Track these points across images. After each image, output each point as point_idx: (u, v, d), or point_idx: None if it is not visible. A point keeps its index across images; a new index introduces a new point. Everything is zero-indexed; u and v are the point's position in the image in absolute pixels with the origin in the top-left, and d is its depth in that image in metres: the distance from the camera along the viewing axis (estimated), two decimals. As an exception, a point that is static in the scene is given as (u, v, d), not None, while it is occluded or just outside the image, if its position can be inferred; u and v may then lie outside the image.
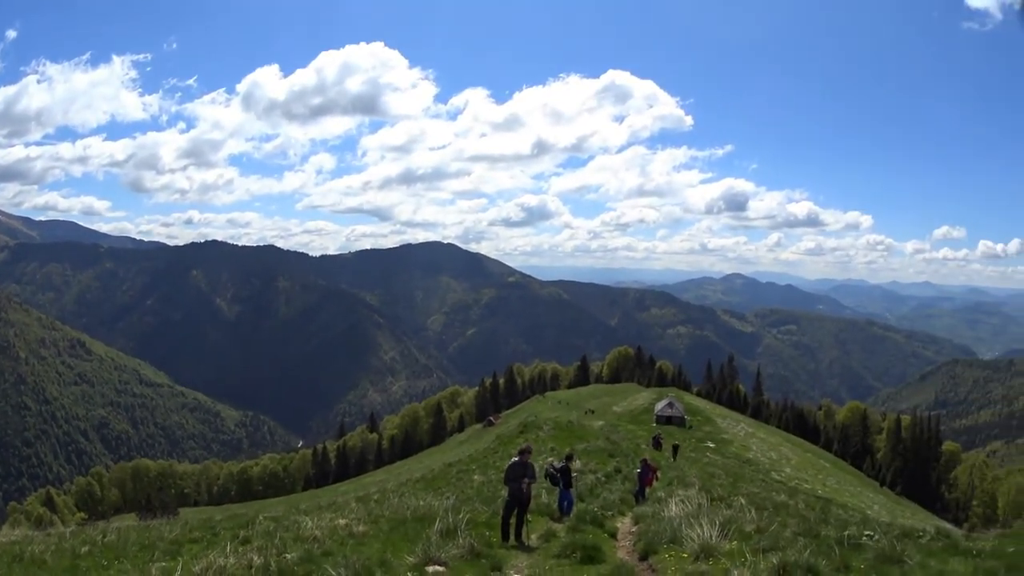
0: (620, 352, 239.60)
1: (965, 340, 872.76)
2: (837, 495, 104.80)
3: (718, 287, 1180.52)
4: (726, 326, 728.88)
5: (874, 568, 16.38)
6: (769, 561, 16.19)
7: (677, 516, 23.14)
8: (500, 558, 19.17)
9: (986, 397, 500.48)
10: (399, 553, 18.07)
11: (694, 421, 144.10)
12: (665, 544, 20.04)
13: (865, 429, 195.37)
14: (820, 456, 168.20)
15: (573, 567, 19.06)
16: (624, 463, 54.55)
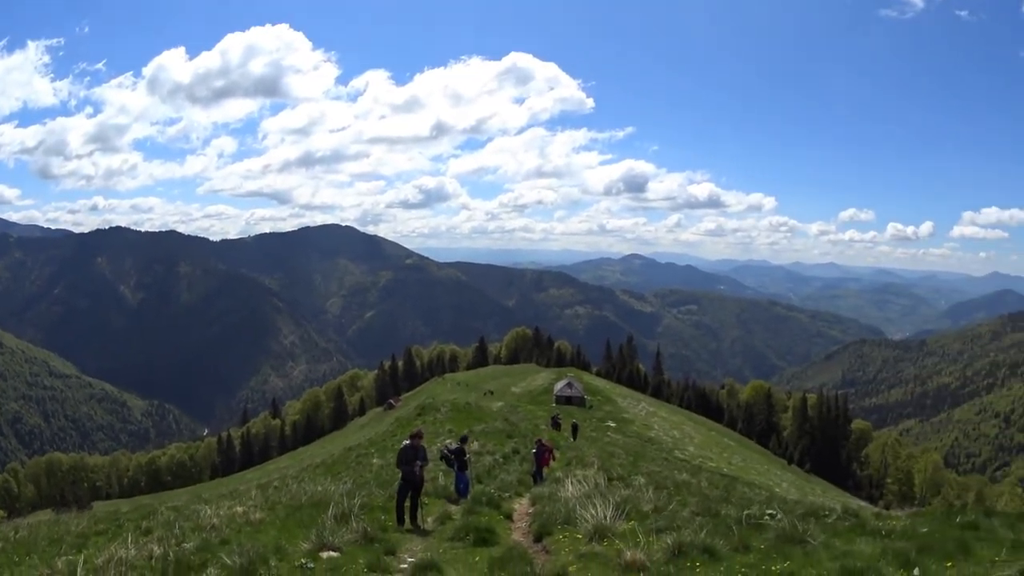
0: (518, 333, 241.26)
1: (873, 321, 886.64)
2: (743, 473, 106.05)
3: (617, 268, 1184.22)
4: (625, 306, 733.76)
5: (775, 548, 16.14)
6: (664, 541, 16.14)
7: (573, 496, 23.30)
8: (394, 542, 19.33)
9: (897, 376, 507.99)
10: (294, 539, 18.09)
11: (594, 401, 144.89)
12: (560, 525, 20.17)
13: (770, 408, 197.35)
14: (724, 435, 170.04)
15: (466, 550, 19.14)
16: (522, 444, 54.43)
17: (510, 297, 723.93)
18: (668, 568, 14.50)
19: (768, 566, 14.50)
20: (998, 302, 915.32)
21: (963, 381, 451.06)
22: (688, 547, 15.62)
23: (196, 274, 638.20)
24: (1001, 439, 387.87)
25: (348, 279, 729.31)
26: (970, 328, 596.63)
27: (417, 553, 18.28)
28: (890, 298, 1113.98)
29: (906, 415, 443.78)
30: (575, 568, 15.22)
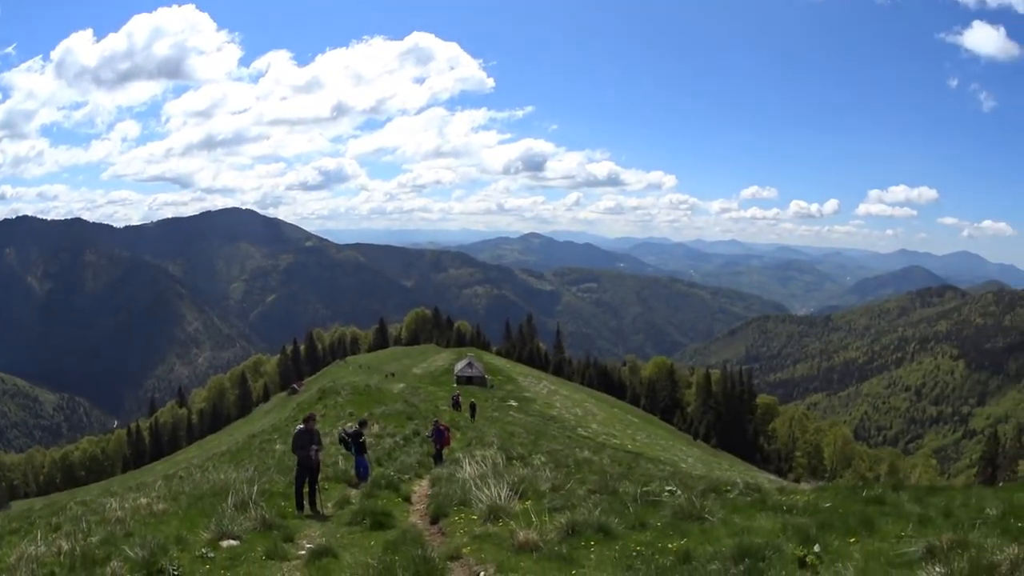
0: (418, 314, 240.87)
1: (777, 297, 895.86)
2: (648, 450, 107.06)
3: (515, 247, 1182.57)
4: (524, 285, 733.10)
5: (672, 525, 16.25)
6: (558, 520, 16.25)
7: (470, 477, 23.01)
8: (293, 528, 19.46)
9: (802, 351, 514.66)
10: (196, 529, 17.85)
11: (495, 380, 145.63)
12: (456, 506, 20.32)
13: (673, 384, 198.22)
14: (628, 411, 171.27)
15: (363, 534, 19.29)
16: (423, 426, 54.24)
17: (410, 278, 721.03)
18: (561, 548, 14.57)
19: (664, 544, 14.60)
20: (905, 278, 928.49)
21: (871, 356, 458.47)
22: (582, 526, 15.74)
23: (101, 263, 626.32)
24: (913, 412, 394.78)
25: (249, 263, 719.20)
26: (877, 304, 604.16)
27: (316, 539, 18.29)
28: (793, 275, 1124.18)
29: (813, 389, 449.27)
30: (469, 549, 15.27)
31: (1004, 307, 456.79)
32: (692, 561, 12.95)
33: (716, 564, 12.48)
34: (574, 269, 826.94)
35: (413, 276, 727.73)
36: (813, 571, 12.28)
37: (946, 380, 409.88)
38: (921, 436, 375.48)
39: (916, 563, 10.82)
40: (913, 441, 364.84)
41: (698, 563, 12.75)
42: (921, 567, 10.01)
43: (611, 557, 14.09)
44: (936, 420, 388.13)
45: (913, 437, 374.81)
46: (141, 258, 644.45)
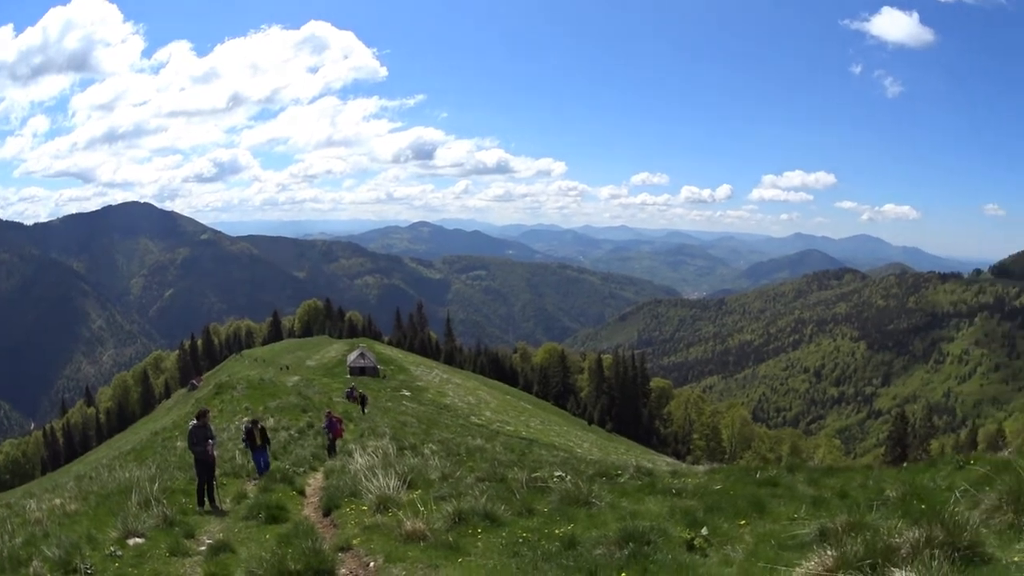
0: (310, 305, 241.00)
1: (668, 281, 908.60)
2: (543, 436, 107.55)
3: (405, 235, 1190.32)
4: (415, 274, 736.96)
5: (559, 511, 16.43)
6: (445, 509, 16.29)
7: (361, 468, 23.11)
8: (194, 525, 19.61)
9: (696, 335, 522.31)
10: (105, 528, 17.95)
11: (388, 371, 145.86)
12: (347, 497, 20.40)
13: (565, 369, 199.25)
14: (520, 398, 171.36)
15: (259, 528, 19.47)
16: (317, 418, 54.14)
17: (302, 269, 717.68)
18: (448, 536, 14.64)
19: (551, 529, 14.78)
20: (801, 262, 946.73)
21: (767, 338, 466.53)
22: (469, 514, 15.87)
23: (14, 261, 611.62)
24: (813, 393, 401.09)
25: (148, 258, 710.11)
26: (772, 287, 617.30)
27: (214, 534, 18.61)
28: (685, 259, 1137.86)
29: (708, 372, 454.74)
30: (359, 540, 15.36)
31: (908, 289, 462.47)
32: (577, 546, 13.09)
33: (601, 549, 12.65)
34: (463, 257, 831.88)
35: (305, 267, 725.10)
36: (701, 554, 12.43)
37: (847, 361, 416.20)
38: (823, 417, 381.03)
39: (808, 545, 10.94)
40: (815, 422, 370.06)
41: (583, 548, 12.90)
42: (813, 550, 10.03)
43: (498, 544, 14.20)
44: (838, 401, 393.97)
45: (815, 418, 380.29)
46: (48, 256, 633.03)
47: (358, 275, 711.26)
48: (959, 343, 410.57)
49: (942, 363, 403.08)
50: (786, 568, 9.96)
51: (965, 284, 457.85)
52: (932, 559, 8.09)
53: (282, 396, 73.22)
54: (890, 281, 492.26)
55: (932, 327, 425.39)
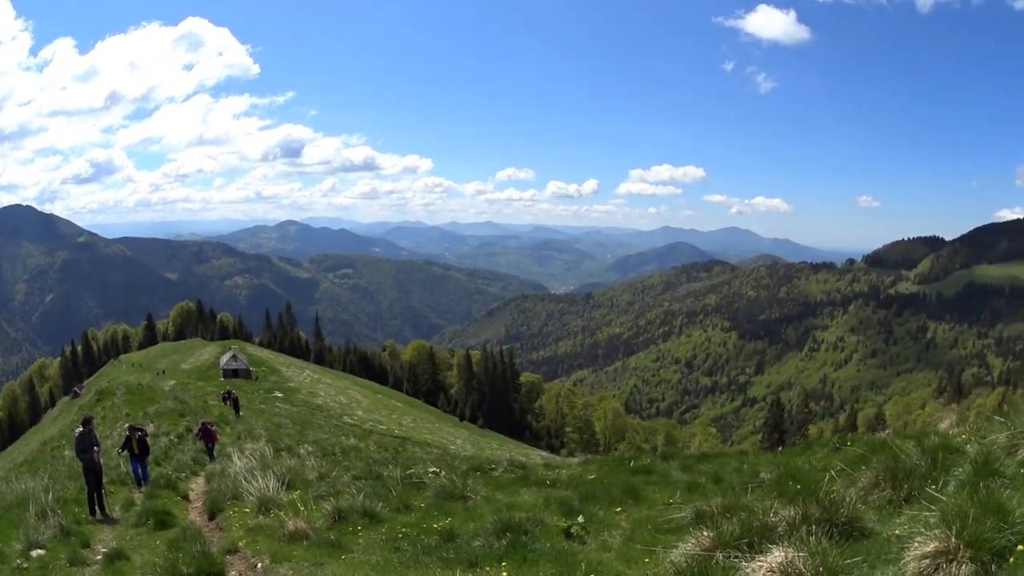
0: (183, 307, 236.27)
1: (535, 276, 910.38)
2: (415, 433, 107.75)
3: (273, 235, 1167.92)
4: (283, 273, 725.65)
5: (436, 506, 16.86)
6: (325, 508, 16.69)
7: (240, 471, 23.33)
8: (89, 534, 19.47)
9: (564, 329, 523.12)
10: (9, 540, 17.79)
11: (260, 372, 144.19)
12: (230, 500, 20.62)
13: (434, 366, 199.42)
14: (391, 396, 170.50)
15: (149, 534, 19.49)
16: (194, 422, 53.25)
17: (174, 271, 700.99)
18: (330, 534, 14.93)
19: (429, 524, 15.19)
20: (669, 255, 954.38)
21: (636, 330, 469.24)
22: (348, 512, 16.28)
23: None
24: (685, 383, 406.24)
25: (30, 262, 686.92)
26: (640, 280, 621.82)
27: (109, 543, 18.62)
28: (551, 254, 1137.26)
29: (578, 366, 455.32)
30: (244, 542, 15.48)
31: (779, 279, 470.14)
32: (456, 539, 13.48)
33: (480, 540, 12.99)
34: (331, 255, 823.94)
35: (177, 268, 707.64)
36: (579, 541, 12.86)
37: (719, 351, 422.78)
38: (697, 406, 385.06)
39: (684, 528, 11.23)
40: (689, 411, 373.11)
41: (462, 540, 13.29)
42: (689, 532, 10.16)
43: (378, 540, 14.56)
44: (712, 390, 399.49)
45: (689, 407, 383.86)
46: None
47: (228, 276, 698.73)
48: (833, 331, 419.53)
49: (817, 351, 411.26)
50: (664, 550, 10.20)
51: (838, 274, 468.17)
52: (809, 535, 8.31)
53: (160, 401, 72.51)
54: (761, 272, 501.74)
55: (805, 316, 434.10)
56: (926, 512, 8.06)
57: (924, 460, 11.02)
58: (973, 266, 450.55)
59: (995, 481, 9.23)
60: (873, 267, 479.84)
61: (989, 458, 10.11)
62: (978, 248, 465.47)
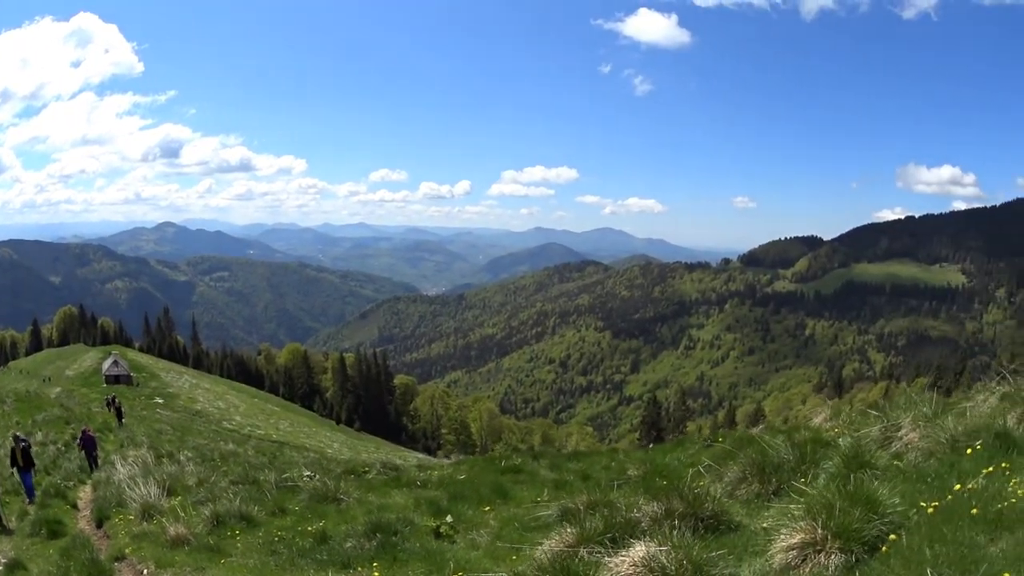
0: (65, 312, 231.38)
1: (407, 278, 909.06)
2: (292, 438, 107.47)
3: (152, 237, 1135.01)
4: (161, 276, 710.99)
5: (310, 508, 17.12)
6: (203, 513, 16.77)
7: (125, 479, 23.34)
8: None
9: (437, 331, 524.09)
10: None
11: (140, 378, 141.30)
12: (115, 508, 20.61)
13: (309, 370, 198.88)
14: (268, 400, 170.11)
15: (43, 544, 19.65)
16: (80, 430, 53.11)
17: (57, 274, 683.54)
18: (209, 539, 15.02)
19: (304, 527, 15.37)
20: (541, 255, 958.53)
21: (509, 331, 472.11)
22: (226, 516, 16.37)
23: None
24: (560, 383, 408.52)
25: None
26: (512, 281, 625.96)
27: (7, 553, 18.64)
28: (424, 255, 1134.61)
29: (451, 367, 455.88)
30: (131, 549, 15.50)
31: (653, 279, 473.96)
32: (329, 541, 13.70)
33: (352, 542, 13.22)
34: (207, 258, 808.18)
35: (61, 272, 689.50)
36: (449, 540, 13.19)
37: (593, 351, 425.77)
38: (573, 406, 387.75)
39: (551, 526, 11.42)
40: (565, 411, 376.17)
41: (335, 542, 13.50)
42: (555, 529, 10.40)
43: (256, 544, 14.69)
44: (587, 389, 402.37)
45: (564, 407, 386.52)
46: None
47: (108, 279, 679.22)
48: (710, 329, 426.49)
49: (693, 349, 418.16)
50: (530, 547, 10.38)
51: (714, 273, 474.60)
52: (673, 530, 8.44)
53: (47, 408, 71.30)
54: (634, 272, 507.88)
55: (680, 315, 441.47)
56: (793, 505, 8.26)
57: (793, 454, 11.33)
58: (852, 265, 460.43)
59: (866, 473, 9.46)
60: (749, 266, 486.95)
61: (859, 451, 10.39)
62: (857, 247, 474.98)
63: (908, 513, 7.82)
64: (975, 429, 10.30)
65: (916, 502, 8.00)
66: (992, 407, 12.36)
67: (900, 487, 8.50)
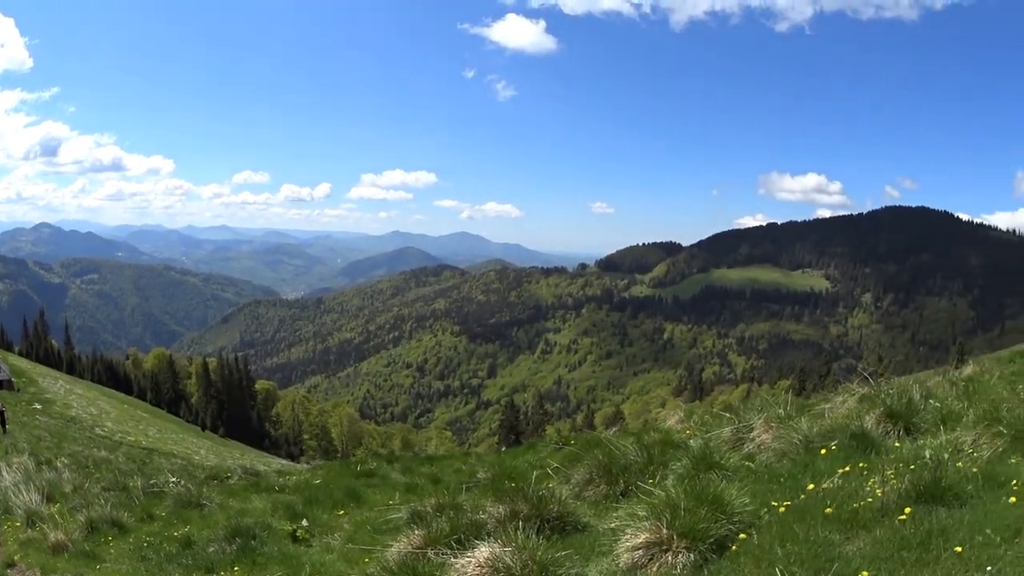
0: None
1: (267, 281, 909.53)
2: (161, 444, 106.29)
3: (29, 237, 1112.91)
4: (38, 278, 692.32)
5: (175, 514, 17.43)
6: (79, 520, 16.74)
7: (10, 485, 22.82)
8: None
9: (296, 335, 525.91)
10: None
11: (20, 383, 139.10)
12: (3, 515, 20.16)
13: (174, 375, 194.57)
14: (137, 407, 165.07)
15: None
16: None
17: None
18: (86, 545, 15.12)
19: (170, 532, 15.61)
20: (398, 259, 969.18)
21: (367, 335, 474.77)
22: (99, 522, 16.52)
23: None
24: (418, 388, 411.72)
25: None
26: (370, 285, 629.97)
27: None
28: (283, 259, 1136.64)
29: (311, 372, 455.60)
30: (19, 556, 15.37)
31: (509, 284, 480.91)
32: (194, 546, 13.95)
33: (214, 546, 13.42)
34: (79, 260, 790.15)
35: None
36: (305, 544, 13.46)
37: (450, 355, 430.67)
38: (432, 410, 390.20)
39: (402, 528, 11.45)
40: (424, 415, 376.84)
41: (199, 547, 13.74)
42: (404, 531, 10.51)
43: (127, 549, 14.92)
44: (445, 394, 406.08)
45: (423, 411, 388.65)
46: None
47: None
48: (566, 333, 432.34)
49: (550, 353, 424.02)
50: (381, 549, 10.48)
51: (570, 278, 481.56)
52: (518, 531, 8.37)
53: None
54: (490, 276, 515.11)
55: (536, 319, 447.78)
56: (639, 505, 8.29)
57: (641, 455, 11.53)
58: (712, 270, 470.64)
59: (716, 474, 9.66)
60: (607, 271, 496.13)
61: (709, 452, 10.61)
62: (717, 253, 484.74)
63: (759, 513, 7.92)
64: (831, 430, 10.59)
65: (768, 502, 8.11)
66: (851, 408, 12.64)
67: (751, 487, 8.69)
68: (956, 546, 6.05)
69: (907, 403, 11.26)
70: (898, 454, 9.27)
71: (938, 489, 7.25)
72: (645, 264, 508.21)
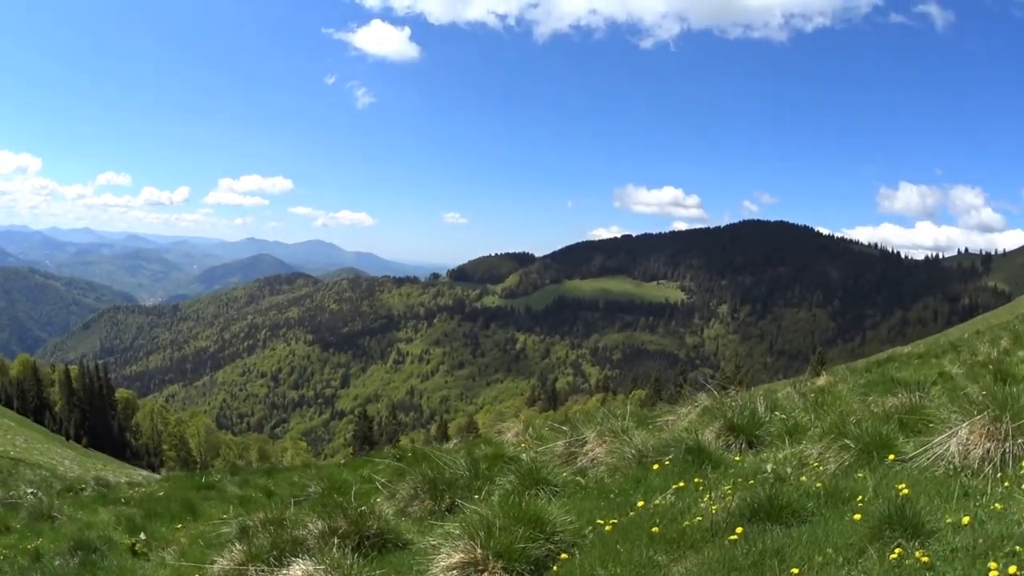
0: None
1: (126, 287, 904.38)
2: (28, 455, 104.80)
3: None
4: None
5: (29, 526, 17.33)
6: None
7: None
8: None
9: (154, 343, 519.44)
10: None
11: None
12: None
13: (39, 383, 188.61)
14: (4, 415, 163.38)
15: None
16: None
17: None
18: None
19: (23, 545, 15.39)
20: (253, 267, 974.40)
21: (222, 344, 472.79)
22: None
23: None
24: (273, 397, 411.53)
25: None
26: (225, 292, 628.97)
27: None
28: (142, 263, 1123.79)
29: (169, 380, 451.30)
30: None
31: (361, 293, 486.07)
32: (43, 559, 13.91)
33: (60, 559, 13.44)
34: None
35: None
36: (144, 558, 13.37)
37: (303, 365, 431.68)
38: (287, 420, 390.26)
39: (231, 543, 11.13)
40: (279, 425, 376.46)
41: (47, 560, 13.70)
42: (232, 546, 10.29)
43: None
44: (299, 404, 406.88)
45: (279, 421, 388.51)
46: None
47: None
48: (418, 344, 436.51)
49: (402, 363, 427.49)
50: (209, 565, 10.26)
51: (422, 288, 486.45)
52: (336, 548, 8.37)
53: None
54: (343, 285, 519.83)
55: (388, 329, 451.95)
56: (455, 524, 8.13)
57: (469, 470, 11.39)
58: (564, 281, 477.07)
59: (543, 490, 9.56)
60: (458, 282, 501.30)
61: (536, 466, 10.43)
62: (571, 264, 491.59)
63: (583, 531, 7.81)
64: (667, 444, 10.55)
65: (594, 519, 8.01)
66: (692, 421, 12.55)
67: (579, 504, 8.65)
68: (792, 568, 5.93)
69: (750, 415, 11.24)
70: (738, 468, 9.33)
71: (774, 506, 7.11)
72: (497, 275, 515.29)
